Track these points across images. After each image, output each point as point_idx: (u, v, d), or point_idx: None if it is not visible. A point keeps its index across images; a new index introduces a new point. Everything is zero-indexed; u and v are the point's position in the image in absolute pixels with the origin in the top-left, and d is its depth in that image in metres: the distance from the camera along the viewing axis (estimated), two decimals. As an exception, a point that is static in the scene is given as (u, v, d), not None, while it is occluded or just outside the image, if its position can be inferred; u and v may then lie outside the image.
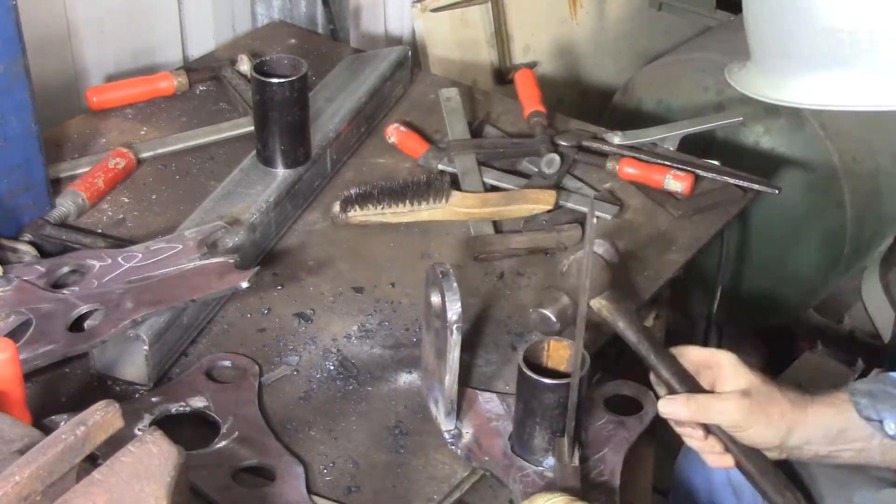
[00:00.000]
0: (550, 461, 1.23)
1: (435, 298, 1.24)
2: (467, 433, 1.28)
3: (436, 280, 1.22)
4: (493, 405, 1.31)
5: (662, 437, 1.34)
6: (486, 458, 1.25)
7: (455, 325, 1.20)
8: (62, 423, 0.95)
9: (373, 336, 1.43)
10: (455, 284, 1.20)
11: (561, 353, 1.24)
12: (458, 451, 1.26)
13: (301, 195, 1.64)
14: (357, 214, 1.60)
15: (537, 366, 1.22)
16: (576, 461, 1.20)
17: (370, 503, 1.21)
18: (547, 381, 1.18)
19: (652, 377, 1.26)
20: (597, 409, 1.30)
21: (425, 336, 1.30)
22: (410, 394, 1.34)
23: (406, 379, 1.36)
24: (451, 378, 1.24)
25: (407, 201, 1.60)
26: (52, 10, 1.83)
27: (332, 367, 1.37)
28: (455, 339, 1.21)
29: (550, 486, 1.19)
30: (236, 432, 1.25)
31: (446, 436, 1.27)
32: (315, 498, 1.19)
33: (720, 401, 1.21)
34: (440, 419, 1.28)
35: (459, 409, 1.29)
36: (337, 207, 1.61)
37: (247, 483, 1.20)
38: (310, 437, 1.27)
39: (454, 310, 1.19)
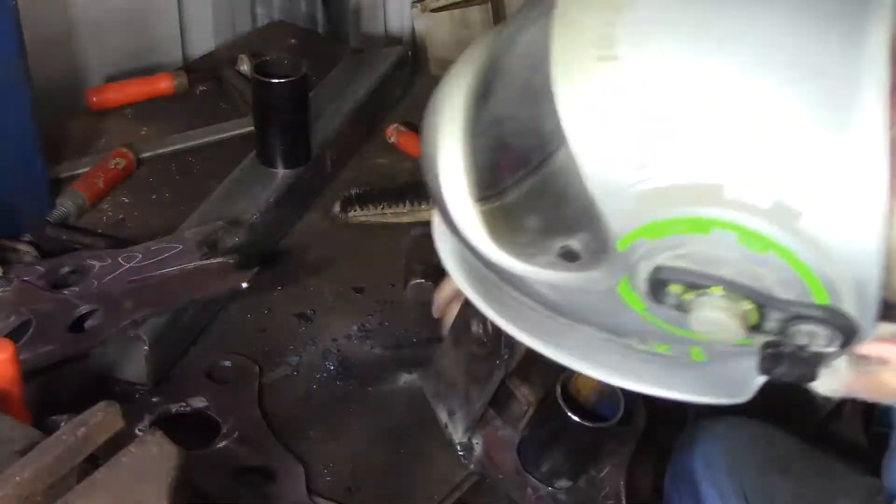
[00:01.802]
0: (563, 482, 1.22)
1: (476, 328, 1.21)
2: (477, 444, 1.27)
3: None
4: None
5: (664, 441, 1.34)
6: (501, 477, 1.24)
7: (507, 364, 1.17)
8: (62, 424, 0.95)
9: (373, 336, 1.43)
10: None
11: (589, 385, 1.20)
12: (472, 465, 1.25)
13: (301, 195, 1.64)
14: (357, 214, 1.60)
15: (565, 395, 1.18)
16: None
17: (370, 503, 1.21)
18: (593, 425, 1.13)
19: None
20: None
21: (451, 349, 1.28)
22: (410, 394, 1.34)
23: (406, 379, 1.36)
24: (482, 403, 1.23)
25: (407, 201, 1.60)
26: (52, 10, 1.83)
27: (332, 367, 1.37)
28: (501, 373, 1.19)
29: None
30: (236, 432, 1.25)
31: (458, 448, 1.27)
32: (315, 498, 1.19)
33: None
34: (454, 432, 1.27)
35: None
36: (337, 207, 1.61)
37: (247, 483, 1.20)
38: (310, 437, 1.27)
39: (510, 345, 1.16)
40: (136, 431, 1.21)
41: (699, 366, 0.82)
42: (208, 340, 1.40)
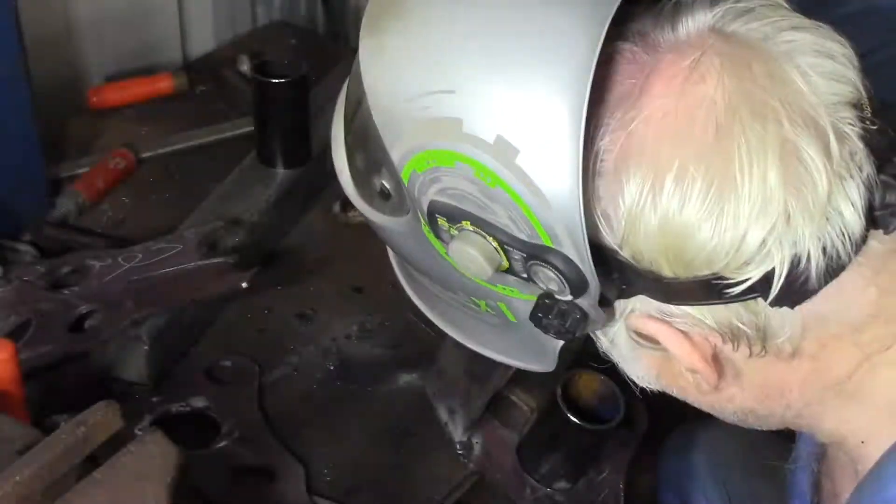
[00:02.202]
0: (562, 484, 1.22)
1: None
2: (477, 443, 1.27)
3: None
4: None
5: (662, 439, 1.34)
6: (499, 476, 1.24)
7: (514, 369, 1.18)
8: (62, 424, 0.95)
9: (373, 336, 1.43)
10: None
11: (589, 386, 1.20)
12: (471, 464, 1.26)
13: (301, 195, 1.64)
14: (358, 214, 1.59)
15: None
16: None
17: (370, 503, 1.21)
18: (592, 427, 1.14)
19: None
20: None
21: (453, 348, 1.29)
22: (410, 394, 1.34)
23: (406, 379, 1.36)
24: (483, 402, 1.23)
25: (407, 201, 1.60)
26: (52, 10, 1.83)
27: (332, 367, 1.37)
28: (502, 373, 1.20)
29: None
30: (236, 432, 1.25)
31: (458, 447, 1.27)
32: (315, 498, 1.19)
33: None
34: (454, 430, 1.27)
35: None
36: (337, 207, 1.61)
37: (247, 483, 1.20)
38: (310, 437, 1.27)
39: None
40: (136, 431, 1.21)
41: (517, 329, 0.86)
42: (208, 340, 1.40)
